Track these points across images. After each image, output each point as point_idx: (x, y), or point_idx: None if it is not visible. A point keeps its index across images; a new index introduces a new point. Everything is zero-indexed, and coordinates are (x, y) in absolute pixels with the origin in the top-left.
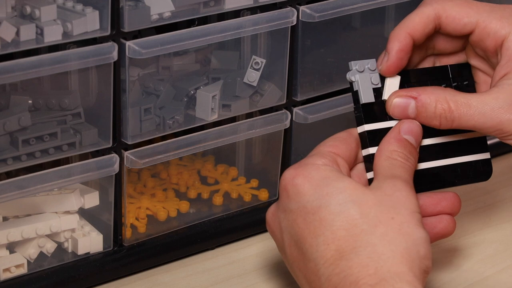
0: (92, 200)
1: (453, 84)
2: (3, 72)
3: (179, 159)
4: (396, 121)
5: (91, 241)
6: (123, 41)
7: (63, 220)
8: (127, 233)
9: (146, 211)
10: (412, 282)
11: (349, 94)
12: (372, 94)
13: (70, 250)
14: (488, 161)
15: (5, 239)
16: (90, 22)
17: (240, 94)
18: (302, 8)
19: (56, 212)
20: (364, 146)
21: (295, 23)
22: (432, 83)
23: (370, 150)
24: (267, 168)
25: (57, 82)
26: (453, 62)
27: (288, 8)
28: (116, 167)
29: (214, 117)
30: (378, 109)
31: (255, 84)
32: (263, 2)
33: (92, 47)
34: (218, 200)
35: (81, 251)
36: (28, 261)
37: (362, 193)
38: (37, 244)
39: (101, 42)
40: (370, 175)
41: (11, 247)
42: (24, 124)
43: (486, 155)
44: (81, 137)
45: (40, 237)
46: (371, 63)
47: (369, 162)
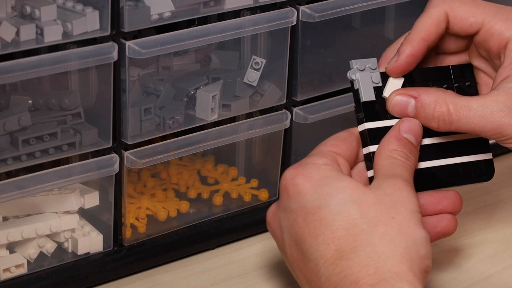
0: (92, 200)
1: (455, 85)
2: (3, 72)
3: (179, 159)
4: (397, 120)
5: (91, 241)
6: (123, 41)
7: (63, 220)
8: (127, 233)
9: (146, 211)
10: (412, 282)
11: (350, 94)
12: (373, 93)
13: (70, 250)
14: (490, 162)
15: (5, 239)
16: (90, 22)
17: (240, 94)
18: (302, 8)
19: (56, 212)
20: (365, 145)
21: (295, 23)
22: (434, 83)
23: (371, 149)
24: (267, 168)
25: (57, 82)
26: (455, 62)
27: (288, 8)
28: (116, 167)
29: (214, 117)
30: (379, 108)
31: (255, 84)
32: (263, 2)
33: (92, 47)
34: (218, 200)
35: (81, 251)
36: (28, 261)
37: (362, 193)
38: (37, 244)
39: (101, 42)
40: (371, 174)
41: (11, 247)
42: (24, 124)
43: (488, 156)
44: (81, 137)
45: (40, 237)
46: (372, 62)
47: (370, 161)
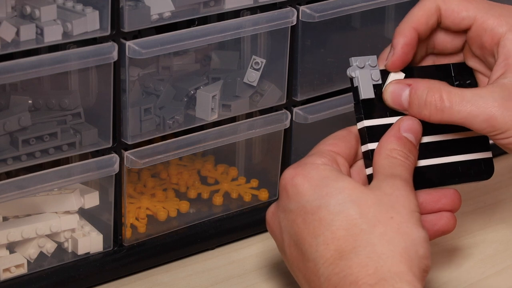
0: (92, 200)
1: (455, 83)
2: (3, 72)
3: (179, 159)
4: (396, 118)
5: (91, 241)
6: (123, 41)
7: (63, 220)
8: (127, 233)
9: (146, 211)
10: (412, 282)
11: (350, 94)
12: (372, 90)
13: (70, 250)
14: (490, 160)
15: (5, 239)
16: (90, 22)
17: (240, 94)
18: (302, 8)
19: (56, 212)
20: (364, 142)
21: (295, 23)
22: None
23: (369, 146)
24: (267, 168)
25: (57, 82)
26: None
27: (288, 8)
28: (116, 167)
29: (214, 117)
30: (378, 105)
31: (255, 84)
32: (263, 2)
33: (92, 47)
34: (218, 200)
35: (81, 251)
36: (28, 261)
37: (361, 193)
38: (37, 244)
39: (101, 42)
40: (369, 171)
41: (11, 247)
42: (24, 124)
43: (488, 154)
44: (81, 137)
45: (40, 237)
46: (372, 60)
47: (368, 159)
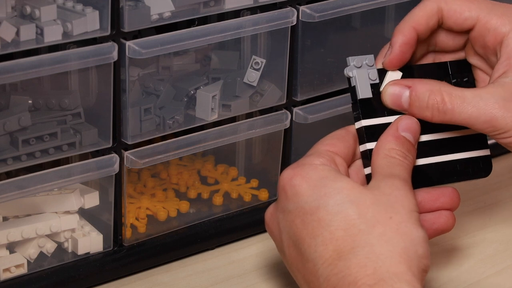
0: (92, 200)
1: (453, 81)
2: (3, 72)
3: (179, 159)
4: (394, 117)
5: (91, 241)
6: (123, 41)
7: (63, 220)
8: (127, 233)
9: (146, 211)
10: (411, 282)
11: (349, 94)
12: (370, 90)
13: (70, 250)
14: (488, 158)
15: (5, 239)
16: (90, 22)
17: (240, 94)
18: (302, 8)
19: (56, 212)
20: (362, 142)
21: (295, 23)
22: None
23: (368, 146)
24: (267, 168)
25: (57, 82)
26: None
27: (288, 8)
28: (116, 167)
29: (214, 117)
30: (376, 105)
31: (255, 84)
32: (263, 2)
33: (92, 47)
34: (218, 200)
35: (81, 251)
36: (28, 261)
37: (360, 193)
38: (37, 244)
39: (101, 42)
40: (368, 171)
41: (11, 247)
42: (24, 124)
43: (486, 152)
44: (81, 137)
45: (40, 237)
46: (369, 59)
47: (367, 158)
